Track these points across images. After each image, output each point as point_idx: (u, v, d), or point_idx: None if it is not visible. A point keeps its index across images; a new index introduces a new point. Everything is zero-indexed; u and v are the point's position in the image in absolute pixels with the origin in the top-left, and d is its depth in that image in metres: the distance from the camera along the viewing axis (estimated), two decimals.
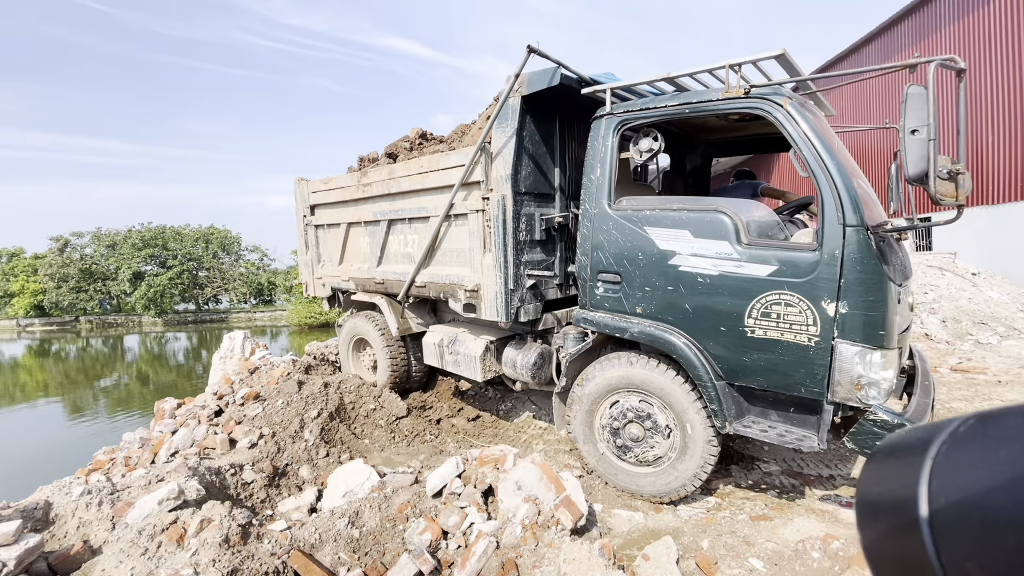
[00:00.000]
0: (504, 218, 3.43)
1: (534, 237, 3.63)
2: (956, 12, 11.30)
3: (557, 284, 3.87)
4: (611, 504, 3.06)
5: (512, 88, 3.37)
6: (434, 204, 3.97)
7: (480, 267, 3.62)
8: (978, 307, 7.68)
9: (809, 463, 3.64)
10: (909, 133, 2.23)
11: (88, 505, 2.33)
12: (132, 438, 4.04)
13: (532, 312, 3.64)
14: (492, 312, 3.55)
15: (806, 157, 2.59)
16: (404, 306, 4.55)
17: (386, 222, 4.46)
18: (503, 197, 3.44)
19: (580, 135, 3.97)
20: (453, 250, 3.93)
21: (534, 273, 3.61)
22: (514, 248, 3.48)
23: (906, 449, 0.44)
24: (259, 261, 38.55)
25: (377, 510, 2.55)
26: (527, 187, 3.57)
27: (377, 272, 4.63)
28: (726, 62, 2.81)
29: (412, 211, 4.19)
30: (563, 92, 3.44)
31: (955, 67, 2.34)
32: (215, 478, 2.81)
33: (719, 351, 2.77)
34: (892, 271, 2.49)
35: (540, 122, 3.62)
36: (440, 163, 3.87)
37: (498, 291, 3.49)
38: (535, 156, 3.64)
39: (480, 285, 3.63)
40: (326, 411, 3.91)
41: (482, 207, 3.57)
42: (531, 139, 3.57)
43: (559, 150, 3.85)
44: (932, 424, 0.44)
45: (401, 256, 4.42)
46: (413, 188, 4.12)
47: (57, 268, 34.18)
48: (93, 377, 19.06)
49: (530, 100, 3.43)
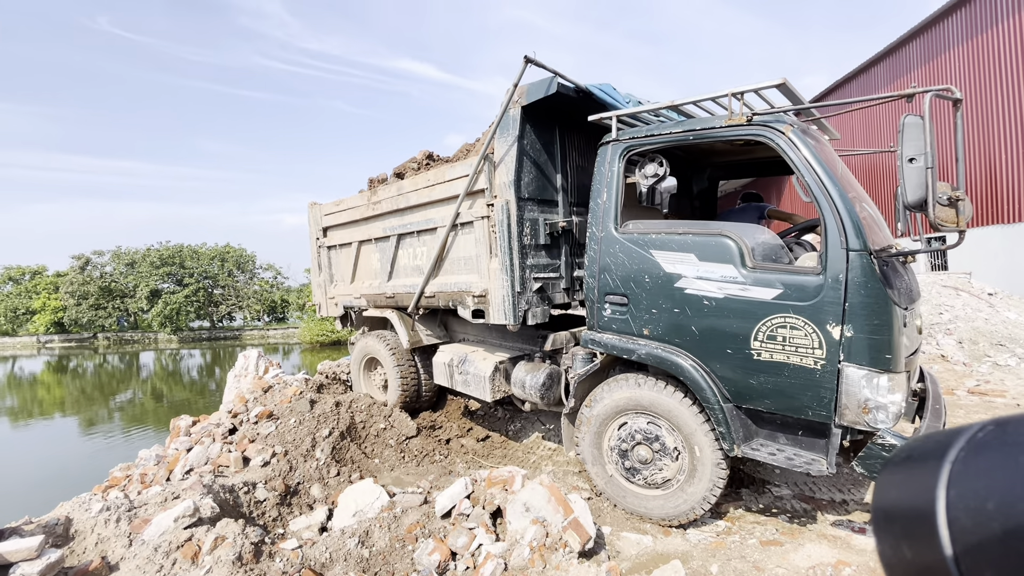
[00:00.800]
0: (509, 223, 3.53)
1: (539, 241, 3.72)
2: (964, 33, 11.37)
3: (564, 288, 3.93)
4: (619, 527, 3.05)
5: (511, 99, 3.50)
6: (441, 215, 4.09)
7: (487, 272, 3.71)
8: (995, 328, 7.55)
9: (821, 487, 3.59)
10: (907, 161, 2.28)
11: (107, 521, 2.39)
12: (148, 455, 4.13)
13: (540, 316, 3.69)
14: (500, 316, 3.62)
15: (808, 183, 2.64)
16: (415, 319, 4.64)
17: (395, 237, 4.59)
18: (507, 203, 3.54)
19: (580, 144, 4.12)
20: (460, 259, 4.03)
21: (540, 276, 3.68)
22: (519, 252, 3.56)
23: (923, 455, 0.43)
24: (273, 279, 39.17)
25: (387, 530, 2.58)
26: (530, 193, 3.68)
27: (388, 287, 4.74)
28: (729, 90, 2.89)
29: (420, 223, 4.31)
30: (561, 102, 3.58)
31: (950, 97, 2.40)
32: (229, 496, 2.87)
33: (726, 373, 2.79)
34: (897, 295, 2.51)
35: (540, 131, 3.75)
36: (446, 175, 4.01)
37: (505, 294, 3.56)
38: (537, 163, 3.75)
39: (488, 290, 3.71)
40: (337, 430, 3.96)
41: (487, 214, 3.68)
42: (532, 147, 3.69)
43: (560, 158, 3.97)
44: (950, 430, 0.43)
45: (411, 269, 4.54)
46: (421, 202, 4.26)
47: (78, 286, 35.06)
48: (109, 393, 19.35)
49: (530, 110, 3.56)
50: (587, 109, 3.54)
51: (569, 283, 3.94)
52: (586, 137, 4.21)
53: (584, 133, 4.21)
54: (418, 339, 4.63)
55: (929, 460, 0.41)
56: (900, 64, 13.32)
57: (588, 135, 4.25)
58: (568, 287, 3.93)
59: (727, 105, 2.96)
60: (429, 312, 4.74)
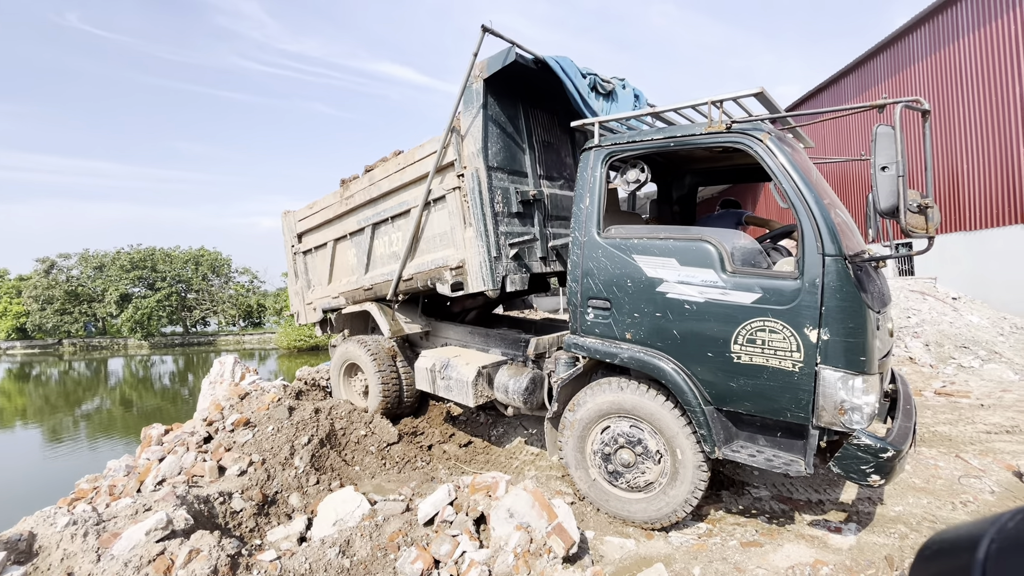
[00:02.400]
0: (480, 189, 3.61)
1: (511, 209, 3.81)
2: (928, 47, 11.85)
3: (540, 257, 4.02)
4: (603, 531, 3.06)
5: (472, 73, 3.63)
6: (413, 196, 4.16)
7: (462, 242, 3.76)
8: (959, 331, 7.85)
9: (798, 488, 3.67)
10: (880, 170, 2.36)
11: (73, 536, 2.29)
12: (117, 466, 3.97)
13: (519, 283, 3.74)
14: (479, 282, 3.66)
15: (785, 189, 2.70)
16: (395, 308, 4.62)
17: (370, 227, 4.63)
18: (476, 170, 3.63)
19: (544, 120, 4.37)
20: (436, 236, 4.08)
21: (515, 243, 3.74)
22: (492, 218, 3.64)
23: (953, 551, 0.41)
24: (249, 283, 38.32)
25: (368, 539, 2.53)
26: (498, 163, 3.80)
27: (365, 280, 4.75)
28: (709, 98, 2.95)
29: (394, 208, 4.37)
30: (523, 77, 3.80)
31: (919, 108, 2.49)
32: (203, 507, 2.78)
33: (707, 376, 2.82)
34: (870, 298, 2.58)
35: (504, 105, 3.91)
36: (415, 155, 4.10)
37: (482, 260, 3.63)
38: (503, 135, 3.89)
39: (464, 260, 3.76)
40: (316, 437, 3.88)
41: (458, 184, 3.76)
42: (497, 119, 3.83)
43: (526, 133, 4.13)
44: (979, 521, 0.41)
45: (387, 257, 4.57)
46: (393, 187, 4.32)
47: (42, 290, 33.71)
48: (74, 402, 18.61)
49: (492, 84, 3.71)
50: (548, 88, 3.77)
51: (545, 252, 4.03)
52: (549, 114, 4.44)
53: (548, 111, 4.44)
54: (399, 328, 4.59)
55: (959, 556, 0.39)
56: (869, 76, 13.80)
57: (551, 112, 4.52)
58: (544, 256, 4.02)
59: (707, 113, 3.02)
60: (409, 300, 4.75)
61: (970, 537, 0.40)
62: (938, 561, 0.43)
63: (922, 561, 0.45)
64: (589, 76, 3.88)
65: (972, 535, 0.40)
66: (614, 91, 4.13)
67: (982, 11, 10.52)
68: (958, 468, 3.81)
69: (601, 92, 4.01)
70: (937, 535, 0.45)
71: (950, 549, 0.42)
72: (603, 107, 4.02)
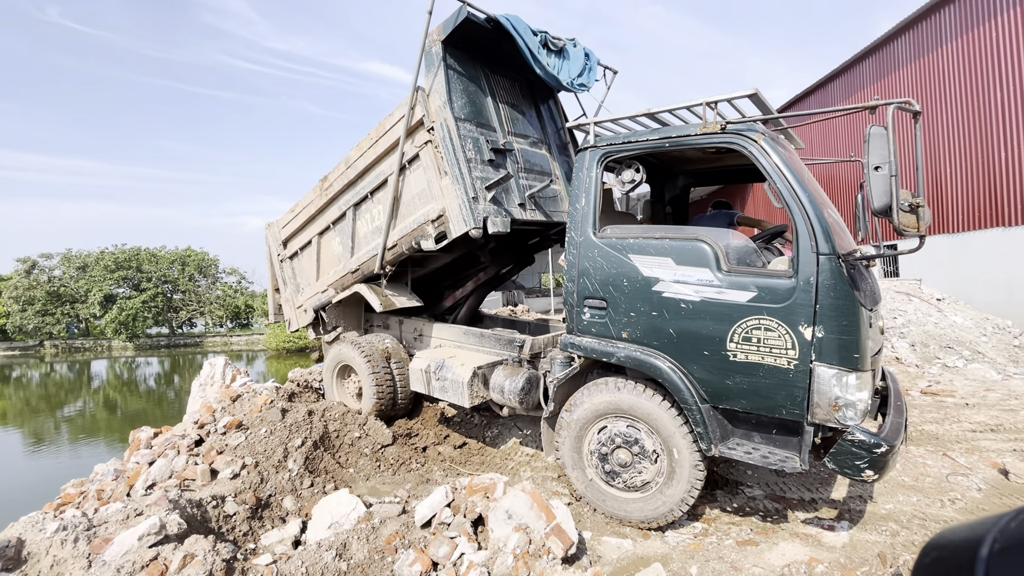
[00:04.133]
0: (451, 137, 3.78)
1: (483, 157, 3.97)
2: (912, 54, 12.08)
3: (519, 204, 4.16)
4: (600, 531, 3.06)
5: (429, 36, 3.88)
6: (388, 165, 4.27)
7: (440, 192, 3.88)
8: (944, 332, 8.00)
9: (791, 487, 3.70)
10: (873, 169, 2.39)
11: (63, 542, 2.24)
12: (105, 470, 3.89)
13: (500, 225, 3.83)
14: (460, 224, 3.76)
15: (779, 189, 2.74)
16: (384, 283, 4.66)
17: (351, 209, 4.71)
18: (445, 120, 3.81)
19: (506, 84, 4.64)
20: (414, 196, 4.19)
21: (491, 184, 3.86)
22: (466, 163, 3.79)
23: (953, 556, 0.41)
24: (237, 284, 37.80)
25: (365, 542, 2.51)
26: (465, 115, 4.00)
27: (352, 262, 4.80)
28: (703, 100, 2.97)
29: (372, 183, 4.47)
30: (480, 43, 4.15)
31: (911, 110, 2.54)
32: (196, 511, 2.73)
33: (703, 375, 2.84)
34: (863, 296, 2.62)
35: (465, 67, 4.16)
36: (386, 125, 4.22)
37: (461, 202, 3.72)
38: (466, 92, 4.11)
39: (444, 207, 3.87)
40: (310, 440, 3.84)
41: (429, 138, 3.88)
42: (459, 78, 4.07)
43: (490, 94, 4.38)
44: (979, 521, 0.41)
45: (371, 233, 4.63)
46: (368, 163, 4.43)
47: (23, 291, 32.92)
48: (56, 405, 18.22)
49: (451, 47, 3.99)
50: (509, 58, 4.12)
51: (522, 199, 4.17)
52: (511, 81, 4.72)
53: (510, 78, 4.72)
54: (389, 302, 4.61)
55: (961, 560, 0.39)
56: (855, 81, 14.03)
57: (513, 80, 4.78)
58: (522, 203, 4.17)
59: (701, 114, 3.04)
60: (398, 278, 4.84)
61: (971, 538, 0.39)
62: (940, 565, 0.42)
63: (923, 567, 0.44)
64: (540, 34, 4.14)
65: (973, 536, 0.39)
66: (565, 48, 4.37)
67: (965, 18, 10.76)
68: (946, 466, 3.87)
69: (552, 49, 4.27)
70: (937, 537, 0.44)
71: (952, 553, 0.41)
72: (555, 63, 4.28)
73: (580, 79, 4.48)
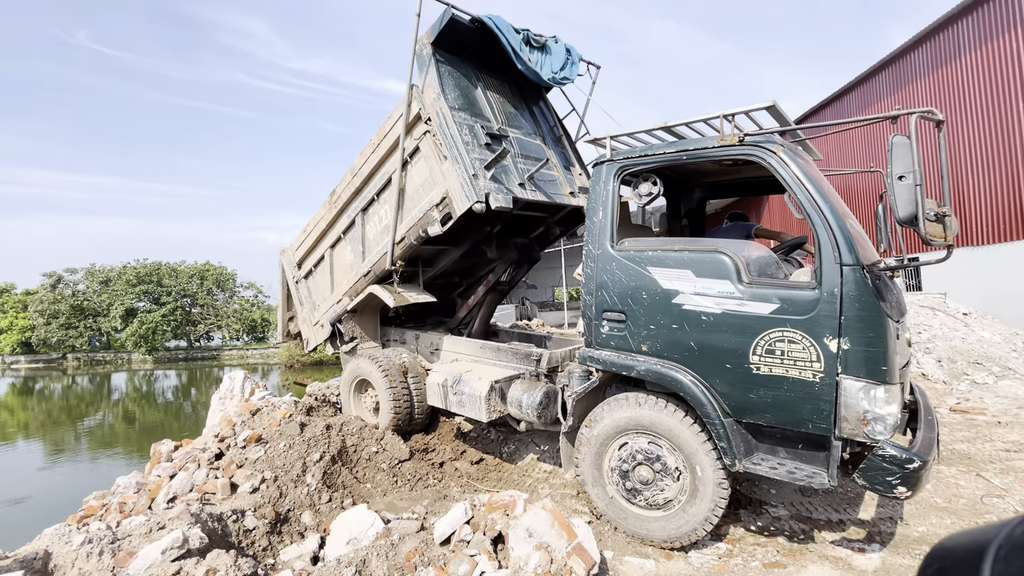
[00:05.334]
0: (447, 124, 3.95)
1: (480, 142, 4.11)
2: (931, 64, 11.96)
3: (519, 184, 4.27)
4: (621, 551, 3.00)
5: (418, 40, 4.09)
6: (392, 164, 4.43)
7: (442, 176, 4.01)
8: (972, 347, 7.77)
9: (818, 507, 3.59)
10: (897, 179, 2.36)
11: (89, 555, 2.25)
12: (126, 482, 3.93)
13: (503, 200, 3.93)
14: (463, 201, 3.85)
15: (800, 200, 2.71)
16: (396, 279, 4.73)
17: (359, 215, 4.87)
18: (440, 109, 3.99)
19: (496, 84, 4.84)
20: (418, 187, 4.31)
21: (489, 162, 3.97)
22: (463, 145, 3.93)
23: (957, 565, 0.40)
24: (254, 298, 38.33)
25: (384, 559, 2.49)
26: (459, 105, 4.19)
27: (364, 266, 4.92)
28: (720, 113, 2.97)
29: (377, 184, 4.63)
30: (468, 47, 4.41)
31: (934, 119, 2.51)
32: (217, 525, 2.74)
33: (725, 388, 2.79)
34: (889, 308, 2.56)
35: (456, 65, 4.40)
36: (385, 127, 4.43)
37: (463, 180, 3.84)
38: (458, 87, 4.32)
39: (447, 189, 3.98)
40: (328, 454, 3.84)
41: (427, 128, 4.05)
42: (451, 74, 4.29)
43: (481, 90, 4.58)
44: (982, 528, 0.40)
45: (380, 233, 4.75)
46: (372, 168, 4.61)
47: (48, 304, 33.79)
48: (77, 417, 18.54)
49: (441, 49, 4.25)
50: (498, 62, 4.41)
51: (521, 180, 4.29)
52: (501, 80, 4.91)
53: (499, 78, 4.92)
54: (403, 299, 4.67)
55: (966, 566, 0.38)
56: (871, 93, 13.92)
57: (502, 79, 4.96)
58: (522, 183, 4.28)
59: (718, 126, 3.04)
60: (410, 278, 4.96)
61: (975, 547, 0.38)
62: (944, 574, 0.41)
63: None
64: (522, 32, 4.36)
65: (977, 545, 0.38)
66: (547, 45, 4.56)
67: (986, 28, 10.64)
68: (980, 487, 3.73)
69: (535, 45, 4.46)
70: (939, 546, 0.44)
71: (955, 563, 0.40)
72: (537, 59, 4.48)
73: (562, 73, 4.67)
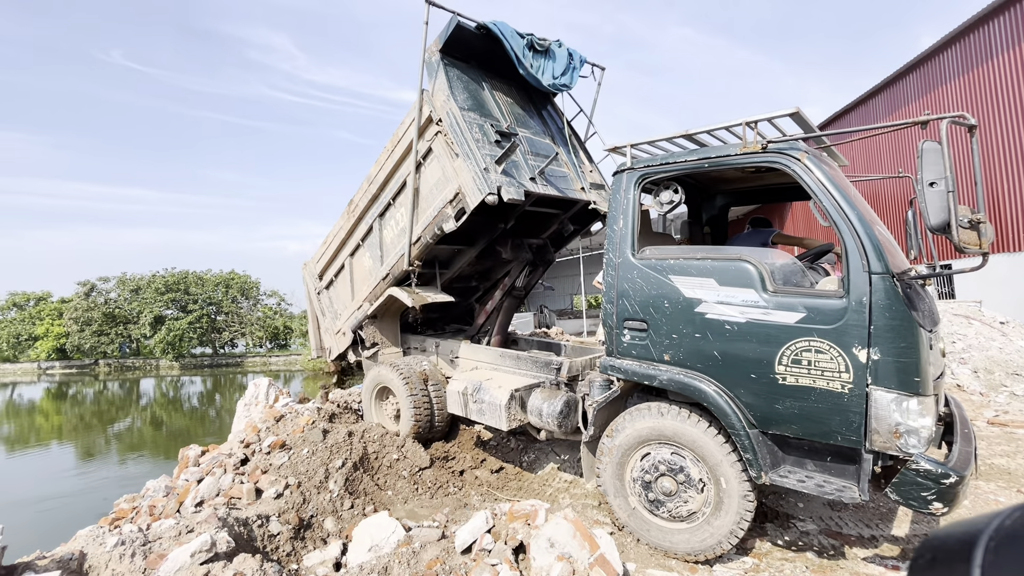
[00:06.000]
0: (457, 123, 4.07)
1: (490, 139, 4.21)
2: (961, 66, 11.66)
3: (530, 178, 4.33)
4: (644, 563, 2.95)
5: (427, 48, 4.25)
6: (406, 168, 4.55)
7: (454, 173, 4.10)
8: (1010, 357, 7.46)
9: (848, 522, 3.48)
10: (928, 186, 2.30)
11: (121, 556, 2.32)
12: (156, 486, 4.04)
13: (515, 193, 3.97)
14: (475, 194, 3.92)
15: (826, 207, 2.66)
16: (414, 280, 4.81)
17: (377, 220, 4.99)
18: (450, 110, 4.11)
19: (503, 88, 4.98)
20: (432, 187, 4.41)
21: (500, 157, 4.05)
22: (474, 142, 4.04)
23: (949, 556, 0.40)
24: (276, 306, 39.09)
25: (406, 566, 2.50)
26: (468, 107, 4.32)
27: (382, 270, 5.01)
28: (743, 120, 2.95)
29: (393, 189, 4.76)
30: (475, 54, 4.58)
31: (966, 123, 2.44)
32: (243, 529, 2.79)
33: (750, 399, 2.74)
34: (921, 317, 2.49)
35: (464, 70, 4.55)
36: (398, 134, 4.56)
37: (475, 174, 3.92)
38: (467, 89, 4.46)
39: (460, 185, 4.05)
40: (350, 461, 3.88)
41: (439, 129, 4.16)
42: (459, 78, 4.43)
43: (489, 92, 4.72)
44: (974, 519, 0.40)
45: (397, 236, 4.84)
46: (387, 173, 4.73)
47: (82, 312, 35.02)
48: (107, 421, 19.10)
49: (449, 56, 4.40)
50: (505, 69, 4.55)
51: (532, 175, 4.35)
52: (508, 85, 5.04)
53: (506, 83, 5.03)
54: (421, 298, 4.73)
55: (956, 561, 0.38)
56: (898, 96, 13.62)
57: (510, 84, 5.08)
58: (533, 178, 4.34)
59: (740, 134, 3.02)
60: (427, 279, 5.04)
61: (967, 538, 0.38)
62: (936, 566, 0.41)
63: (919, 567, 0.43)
64: (526, 36, 4.48)
65: (969, 536, 0.38)
66: (550, 49, 4.65)
67: (1017, 30, 10.34)
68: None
69: (539, 50, 4.56)
70: (932, 537, 0.43)
71: (947, 554, 0.40)
72: (539, 64, 4.58)
73: (562, 79, 4.76)
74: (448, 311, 6.38)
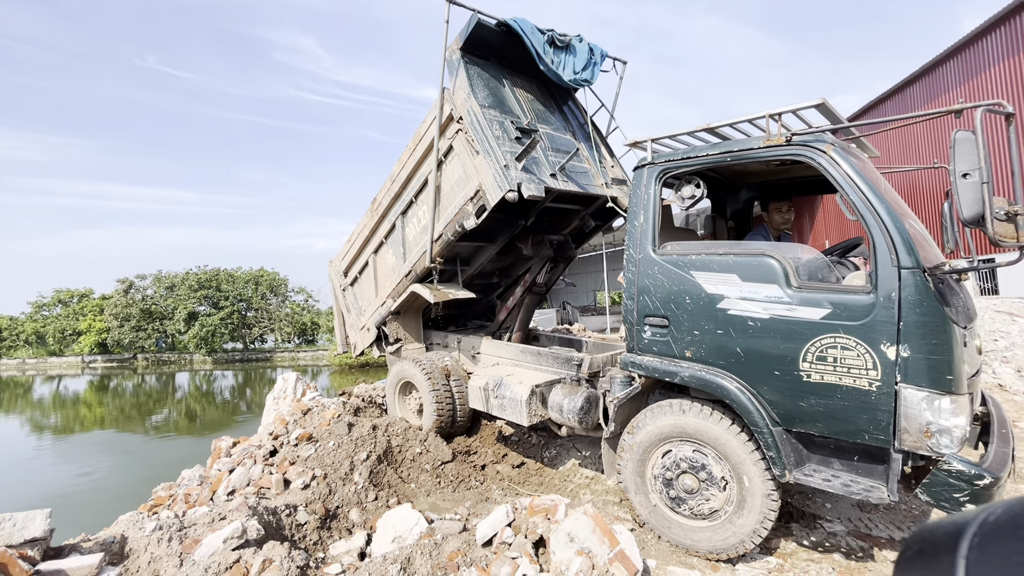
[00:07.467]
0: (478, 120, 4.09)
1: (510, 136, 4.23)
2: (1003, 52, 11.09)
3: (551, 175, 4.29)
4: (665, 560, 2.94)
5: (448, 46, 4.27)
6: (428, 166, 4.59)
7: (475, 170, 4.12)
8: None
9: (878, 524, 3.40)
10: (961, 177, 2.22)
11: (159, 541, 2.44)
12: (190, 475, 4.21)
13: (535, 189, 3.97)
14: (496, 191, 3.94)
15: (852, 200, 2.59)
16: (435, 278, 4.86)
17: (399, 218, 5.04)
18: (471, 108, 4.14)
19: (523, 84, 4.99)
20: (454, 184, 4.44)
21: (520, 153, 4.04)
22: (495, 139, 4.05)
23: (935, 549, 0.41)
24: (304, 302, 40.02)
25: (428, 557, 2.55)
26: (489, 104, 4.34)
27: (405, 266, 5.07)
28: (766, 112, 2.89)
29: (415, 186, 4.80)
30: (495, 51, 4.60)
31: (1002, 112, 2.33)
32: (272, 518, 2.90)
33: (774, 396, 2.70)
34: (955, 313, 2.40)
35: (484, 68, 4.58)
36: (420, 132, 4.60)
37: (495, 171, 3.94)
38: (487, 87, 4.48)
39: (480, 182, 4.08)
40: (375, 454, 3.97)
41: (461, 127, 4.19)
42: (479, 76, 4.46)
43: (509, 88, 4.73)
44: (960, 515, 0.41)
45: (419, 234, 4.88)
46: (410, 171, 4.78)
47: (121, 308, 36.58)
48: (145, 412, 19.96)
49: (469, 53, 4.44)
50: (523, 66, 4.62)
51: (553, 171, 4.35)
52: (529, 81, 5.05)
53: (527, 79, 5.03)
54: (443, 295, 4.79)
55: (941, 554, 0.39)
56: (938, 83, 13.05)
57: (531, 81, 5.09)
58: (553, 174, 4.33)
59: (764, 126, 2.95)
60: (449, 277, 5.06)
61: (953, 532, 0.39)
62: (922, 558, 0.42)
63: (905, 564, 0.44)
64: (547, 32, 4.48)
65: (955, 530, 0.39)
66: (571, 44, 4.63)
67: None
68: None
69: (559, 45, 4.54)
70: (919, 530, 0.44)
71: (933, 546, 0.41)
72: (560, 60, 4.56)
73: (583, 74, 4.72)
74: (470, 308, 6.44)
